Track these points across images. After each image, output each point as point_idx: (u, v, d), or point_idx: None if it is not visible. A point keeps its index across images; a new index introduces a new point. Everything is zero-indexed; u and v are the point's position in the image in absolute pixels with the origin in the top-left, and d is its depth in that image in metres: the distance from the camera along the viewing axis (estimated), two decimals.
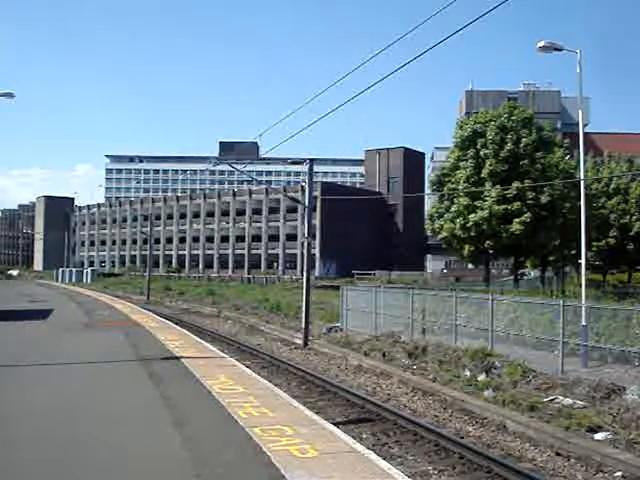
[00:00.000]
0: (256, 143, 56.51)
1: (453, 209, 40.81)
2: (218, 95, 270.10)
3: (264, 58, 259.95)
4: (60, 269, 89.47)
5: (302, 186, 68.13)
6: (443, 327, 20.00)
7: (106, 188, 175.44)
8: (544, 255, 45.92)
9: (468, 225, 39.57)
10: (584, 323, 15.76)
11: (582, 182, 21.42)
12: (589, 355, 15.72)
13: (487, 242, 39.83)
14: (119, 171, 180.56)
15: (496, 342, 17.27)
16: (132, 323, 19.35)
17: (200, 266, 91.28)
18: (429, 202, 63.74)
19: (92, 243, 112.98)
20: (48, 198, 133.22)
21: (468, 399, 13.44)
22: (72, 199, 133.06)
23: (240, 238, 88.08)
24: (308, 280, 23.61)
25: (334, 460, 6.16)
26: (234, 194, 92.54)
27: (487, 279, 44.62)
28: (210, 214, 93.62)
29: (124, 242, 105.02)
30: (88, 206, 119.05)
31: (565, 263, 51.44)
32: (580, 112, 20.80)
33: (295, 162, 28.18)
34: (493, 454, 9.89)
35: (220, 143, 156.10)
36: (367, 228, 78.83)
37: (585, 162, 31.16)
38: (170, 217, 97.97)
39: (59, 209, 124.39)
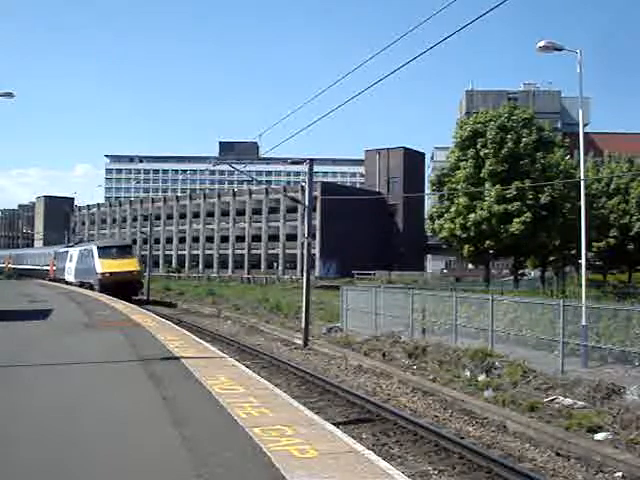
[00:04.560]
0: (256, 143, 56.30)
1: (453, 209, 40.80)
2: (218, 95, 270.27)
3: (264, 58, 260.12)
4: None
5: (302, 186, 68.09)
6: (443, 327, 19.99)
7: (106, 188, 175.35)
8: (544, 255, 45.90)
9: (468, 225, 39.57)
10: (584, 323, 15.75)
11: (582, 182, 21.42)
12: (589, 355, 15.71)
13: (487, 242, 39.83)
14: (119, 171, 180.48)
15: (496, 342, 17.27)
16: (132, 323, 19.32)
17: (200, 266, 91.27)
18: (429, 202, 63.76)
19: None
20: (48, 198, 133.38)
21: (468, 399, 13.44)
22: (72, 199, 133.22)
23: (240, 238, 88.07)
24: (308, 280, 23.61)
25: (334, 460, 6.15)
26: (234, 194, 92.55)
27: (487, 279, 44.61)
28: (210, 214, 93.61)
29: None
30: (88, 206, 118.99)
31: (565, 263, 51.43)
32: (580, 112, 20.79)
33: (295, 162, 28.24)
34: (493, 454, 9.89)
35: (220, 143, 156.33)
36: (367, 228, 78.83)
37: (585, 162, 31.14)
38: (170, 217, 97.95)
39: (59, 209, 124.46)
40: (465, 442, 10.45)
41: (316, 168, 29.09)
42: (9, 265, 74.98)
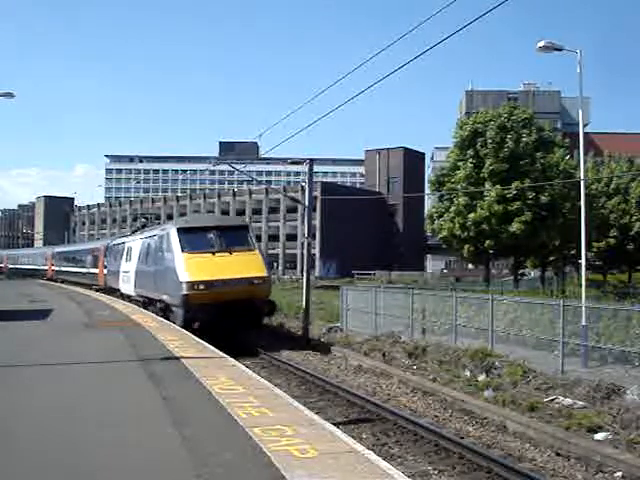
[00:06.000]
0: (256, 143, 56.53)
1: (453, 209, 40.80)
2: (218, 95, 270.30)
3: (264, 58, 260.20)
4: None
5: (302, 186, 68.06)
6: (443, 327, 19.99)
7: (106, 188, 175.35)
8: (544, 255, 45.89)
9: (468, 225, 39.56)
10: (584, 323, 15.76)
11: (582, 182, 21.43)
12: (589, 355, 15.72)
13: (487, 242, 39.82)
14: (119, 171, 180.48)
15: (496, 342, 17.27)
16: (132, 323, 19.30)
17: None
18: (429, 202, 63.75)
19: None
20: (48, 198, 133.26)
21: (468, 399, 13.44)
22: (72, 199, 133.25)
23: None
24: (308, 280, 23.62)
25: (334, 460, 6.14)
26: (234, 194, 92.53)
27: (487, 279, 44.60)
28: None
29: None
30: (88, 206, 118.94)
31: (565, 263, 51.42)
32: (580, 112, 20.81)
33: (295, 162, 28.21)
34: (493, 454, 9.89)
35: (220, 143, 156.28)
36: (367, 228, 78.81)
37: (585, 162, 31.14)
38: (170, 217, 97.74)
39: (59, 209, 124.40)
40: (465, 442, 10.44)
41: (316, 168, 29.11)
42: (52, 267, 56.87)
